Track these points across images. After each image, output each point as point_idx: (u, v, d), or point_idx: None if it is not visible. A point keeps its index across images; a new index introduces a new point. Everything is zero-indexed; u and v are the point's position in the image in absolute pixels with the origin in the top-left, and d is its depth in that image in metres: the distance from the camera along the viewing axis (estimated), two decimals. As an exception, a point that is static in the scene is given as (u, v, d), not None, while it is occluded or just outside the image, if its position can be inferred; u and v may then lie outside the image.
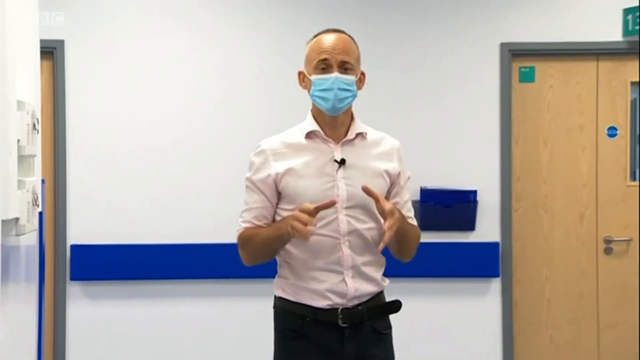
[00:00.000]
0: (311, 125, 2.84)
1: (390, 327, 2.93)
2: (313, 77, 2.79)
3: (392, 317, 3.16)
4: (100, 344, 5.77)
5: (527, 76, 6.08)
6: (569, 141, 6.06)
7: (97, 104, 5.71)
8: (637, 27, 5.86)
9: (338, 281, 2.75)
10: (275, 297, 2.91)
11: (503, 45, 5.94)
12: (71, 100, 5.69)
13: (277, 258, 2.89)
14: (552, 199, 6.08)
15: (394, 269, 3.69)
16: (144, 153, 5.78)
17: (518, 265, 6.04)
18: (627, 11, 5.91)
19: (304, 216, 2.55)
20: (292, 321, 2.82)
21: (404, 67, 5.96)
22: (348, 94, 2.78)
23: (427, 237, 5.63)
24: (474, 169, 5.94)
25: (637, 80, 5.97)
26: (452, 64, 5.98)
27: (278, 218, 2.83)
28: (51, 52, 5.56)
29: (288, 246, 2.79)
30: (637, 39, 5.84)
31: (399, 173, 2.90)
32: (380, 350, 2.86)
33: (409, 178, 2.99)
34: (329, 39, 2.82)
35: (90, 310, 5.78)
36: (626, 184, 6.06)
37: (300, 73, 2.89)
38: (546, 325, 6.07)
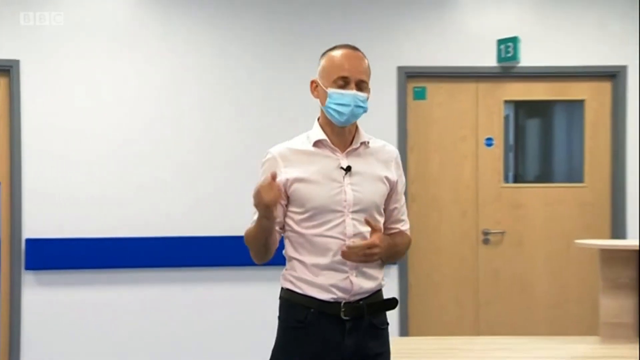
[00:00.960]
0: (319, 134, 2.81)
1: (387, 323, 2.90)
2: (330, 91, 2.76)
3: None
4: (52, 328, 6.06)
5: (420, 95, 6.49)
6: (454, 150, 6.51)
7: (49, 113, 6.06)
8: (509, 55, 6.38)
9: (342, 279, 2.73)
10: (282, 289, 2.85)
11: (399, 68, 6.36)
12: (26, 109, 6.02)
13: (286, 255, 2.86)
14: (441, 199, 6.49)
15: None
16: (91, 156, 6.11)
17: (412, 254, 6.30)
18: (500, 41, 6.43)
19: (265, 186, 2.56)
20: (297, 312, 2.77)
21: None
22: (362, 110, 2.77)
23: None
24: None
25: (510, 99, 6.57)
26: None
27: (289, 221, 2.80)
28: (8, 69, 6.00)
29: (298, 246, 2.78)
30: (509, 64, 6.41)
31: (397, 180, 2.89)
32: (378, 344, 2.83)
33: (404, 184, 2.98)
34: (350, 57, 2.80)
35: (43, 297, 6.06)
36: (500, 185, 6.52)
37: (313, 82, 2.86)
38: (435, 305, 6.48)
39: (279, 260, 2.94)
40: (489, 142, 6.64)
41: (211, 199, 6.24)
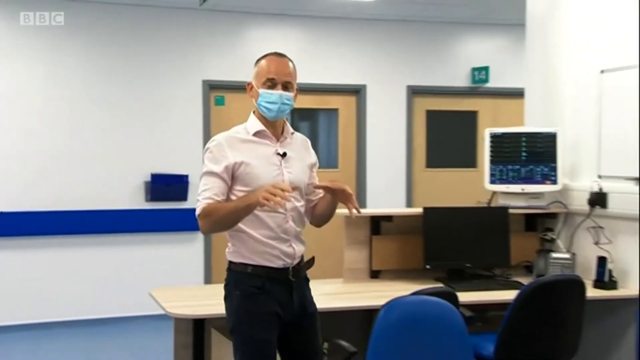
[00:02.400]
0: (258, 125, 2.65)
1: (308, 278, 2.80)
2: (261, 91, 2.62)
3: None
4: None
5: (220, 102, 6.65)
6: None
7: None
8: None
9: (286, 246, 2.62)
10: (231, 263, 2.67)
11: (204, 81, 6.56)
12: None
13: (228, 234, 2.66)
14: None
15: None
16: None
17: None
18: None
19: (279, 191, 2.38)
20: (254, 281, 2.60)
21: (140, 93, 6.37)
22: (287, 106, 2.64)
23: (159, 205, 6.42)
24: (186, 161, 6.39)
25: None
26: (173, 91, 6.47)
27: (232, 197, 2.62)
28: None
29: (245, 225, 2.57)
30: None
31: (314, 163, 2.81)
32: (309, 293, 2.73)
33: (317, 164, 2.85)
34: (276, 62, 2.65)
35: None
36: None
37: (249, 84, 2.70)
38: None
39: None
40: None
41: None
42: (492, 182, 4.22)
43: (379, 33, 6.98)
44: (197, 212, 2.61)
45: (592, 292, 3.57)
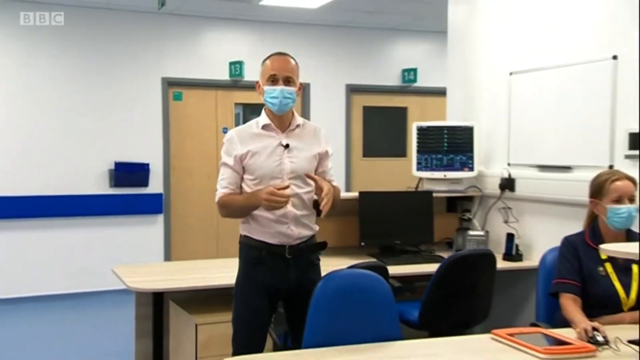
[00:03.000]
0: (265, 119, 2.61)
1: (319, 259, 2.72)
2: (265, 87, 2.57)
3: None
4: None
5: (178, 97, 6.59)
6: (202, 135, 6.66)
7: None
8: (237, 72, 6.57)
9: (285, 228, 2.57)
10: (241, 235, 2.67)
11: (163, 79, 6.49)
12: None
13: None
14: (193, 168, 6.59)
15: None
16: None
17: (173, 206, 6.52)
18: (231, 63, 6.62)
19: (279, 198, 2.39)
20: (253, 252, 2.60)
21: (105, 90, 6.28)
22: (289, 100, 2.56)
23: (122, 191, 6.33)
24: (147, 151, 6.38)
25: (238, 102, 6.78)
26: (135, 88, 6.39)
27: (244, 186, 2.61)
28: None
29: None
30: (238, 79, 6.60)
31: (326, 151, 2.71)
32: (314, 273, 2.64)
33: (332, 153, 2.76)
34: (278, 60, 2.61)
35: None
36: None
37: (257, 83, 2.63)
38: (189, 238, 6.56)
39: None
40: (225, 130, 6.72)
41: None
42: (419, 169, 4.25)
43: (322, 37, 6.99)
44: (216, 199, 2.66)
45: (501, 264, 3.68)
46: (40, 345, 4.71)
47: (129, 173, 6.27)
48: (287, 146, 2.59)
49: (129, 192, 6.33)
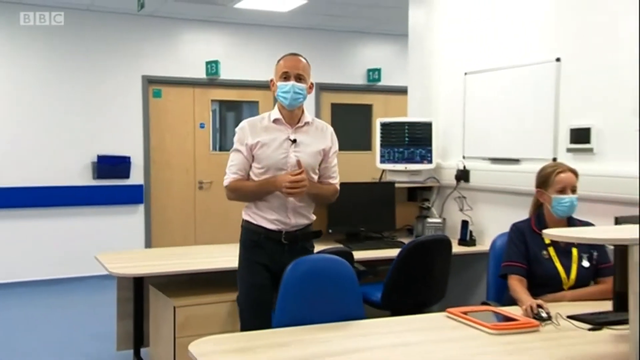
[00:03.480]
0: (277, 114, 2.59)
1: (313, 247, 2.73)
2: (278, 83, 2.55)
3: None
4: None
5: (157, 94, 6.52)
6: (180, 130, 6.60)
7: None
8: (213, 71, 6.52)
9: (283, 217, 2.57)
10: (243, 220, 2.66)
11: (143, 77, 6.42)
12: None
13: None
14: (172, 161, 6.54)
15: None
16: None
17: (154, 197, 6.46)
18: (207, 63, 6.56)
19: (296, 178, 2.43)
20: (252, 236, 2.60)
21: (89, 87, 6.20)
22: (300, 96, 2.54)
23: (105, 182, 6.26)
24: (128, 144, 6.31)
25: (214, 99, 6.74)
26: (117, 85, 6.31)
27: (252, 174, 2.60)
28: None
29: None
30: (214, 77, 6.55)
31: (330, 148, 2.67)
32: None
33: (336, 150, 2.73)
34: (290, 59, 2.59)
35: None
36: (209, 152, 6.70)
37: (271, 80, 2.61)
38: (168, 228, 6.53)
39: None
40: (202, 125, 6.75)
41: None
42: (382, 162, 4.26)
43: (292, 38, 6.94)
44: (225, 183, 2.62)
45: (456, 249, 3.71)
46: (28, 327, 4.67)
47: (111, 166, 6.21)
48: (294, 141, 2.57)
49: (111, 184, 6.27)
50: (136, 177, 6.38)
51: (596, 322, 2.18)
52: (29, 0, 5.78)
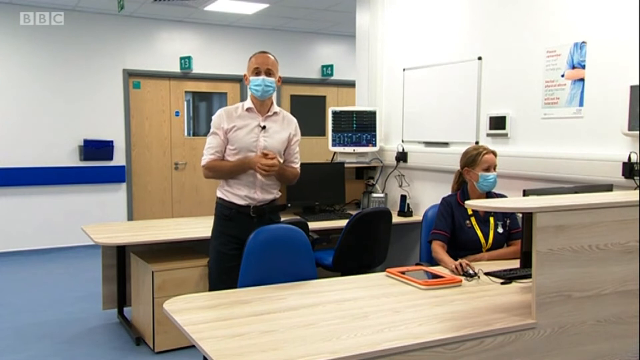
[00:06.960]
0: (250, 104, 2.57)
1: (279, 219, 2.69)
2: (250, 78, 2.54)
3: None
4: None
5: (137, 85, 6.35)
6: (157, 117, 6.43)
7: None
8: (186, 66, 6.36)
9: (252, 193, 2.55)
10: (217, 197, 2.63)
11: (124, 70, 6.23)
12: None
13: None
14: (151, 145, 6.39)
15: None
16: None
17: (134, 176, 6.31)
18: (182, 58, 6.40)
19: (269, 163, 2.44)
20: (225, 210, 2.58)
21: (75, 79, 5.97)
22: (270, 88, 2.53)
23: (90, 163, 6.13)
24: (111, 130, 6.15)
25: (188, 90, 6.56)
26: (101, 77, 6.11)
27: (226, 155, 2.56)
28: None
29: None
30: (188, 71, 6.39)
31: (294, 136, 2.65)
32: None
33: (299, 139, 2.70)
34: (260, 56, 2.57)
35: None
36: (184, 137, 6.54)
37: (245, 75, 2.59)
38: (148, 203, 6.40)
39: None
40: (177, 113, 6.61)
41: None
42: (334, 145, 4.23)
43: (256, 37, 6.83)
44: (203, 163, 2.57)
45: (396, 219, 3.74)
46: (21, 288, 4.56)
47: (96, 149, 6.07)
48: (264, 127, 2.56)
49: (96, 165, 6.11)
50: (119, 158, 6.25)
51: (507, 277, 2.23)
52: (27, 1, 5.55)
